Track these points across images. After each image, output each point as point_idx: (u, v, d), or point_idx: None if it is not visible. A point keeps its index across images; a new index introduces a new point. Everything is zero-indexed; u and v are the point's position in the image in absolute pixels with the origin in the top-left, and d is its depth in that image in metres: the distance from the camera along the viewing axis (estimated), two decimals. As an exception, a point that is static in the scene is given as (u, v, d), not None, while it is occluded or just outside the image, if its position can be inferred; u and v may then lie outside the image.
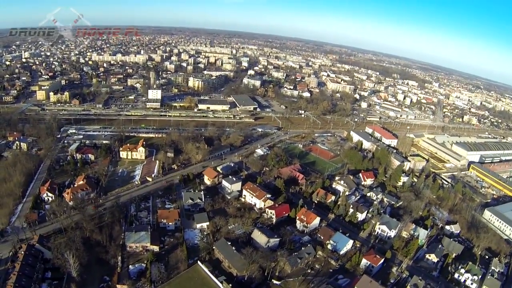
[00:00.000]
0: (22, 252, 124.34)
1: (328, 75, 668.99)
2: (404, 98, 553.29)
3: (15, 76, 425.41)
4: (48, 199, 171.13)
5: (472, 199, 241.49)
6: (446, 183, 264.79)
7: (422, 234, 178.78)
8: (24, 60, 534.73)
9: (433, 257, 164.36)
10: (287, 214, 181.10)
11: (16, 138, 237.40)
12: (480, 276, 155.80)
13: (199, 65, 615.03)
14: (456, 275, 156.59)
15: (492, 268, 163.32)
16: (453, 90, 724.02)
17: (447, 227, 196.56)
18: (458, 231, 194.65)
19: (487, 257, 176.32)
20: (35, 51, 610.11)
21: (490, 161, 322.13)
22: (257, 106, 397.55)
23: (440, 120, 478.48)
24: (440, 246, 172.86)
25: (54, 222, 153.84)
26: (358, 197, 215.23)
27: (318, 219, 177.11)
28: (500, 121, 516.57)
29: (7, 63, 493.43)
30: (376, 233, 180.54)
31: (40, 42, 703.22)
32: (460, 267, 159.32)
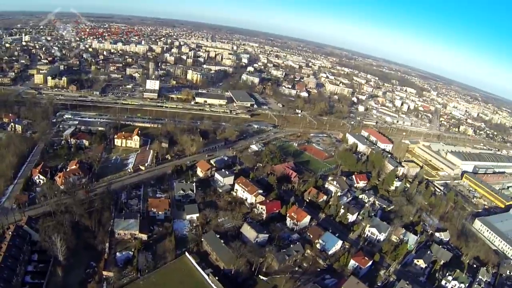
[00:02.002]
0: (10, 233, 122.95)
1: (327, 77, 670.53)
2: (402, 105, 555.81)
3: (14, 58, 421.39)
4: (39, 181, 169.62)
5: (464, 208, 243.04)
6: (439, 190, 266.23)
7: (412, 239, 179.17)
8: (24, 43, 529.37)
9: (421, 263, 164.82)
10: (277, 211, 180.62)
11: (12, 120, 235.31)
12: (467, 285, 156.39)
13: (199, 58, 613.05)
14: (443, 282, 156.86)
15: (480, 277, 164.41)
16: (451, 100, 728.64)
17: (437, 234, 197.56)
18: (448, 239, 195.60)
19: (475, 266, 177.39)
20: (35, 35, 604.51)
21: (483, 171, 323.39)
22: (254, 102, 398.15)
23: (436, 128, 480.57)
24: (429, 252, 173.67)
25: (44, 205, 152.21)
26: (350, 198, 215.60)
27: (308, 217, 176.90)
28: (495, 133, 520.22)
29: (7, 45, 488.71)
30: (365, 235, 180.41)
31: (41, 27, 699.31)
32: (447, 274, 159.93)
